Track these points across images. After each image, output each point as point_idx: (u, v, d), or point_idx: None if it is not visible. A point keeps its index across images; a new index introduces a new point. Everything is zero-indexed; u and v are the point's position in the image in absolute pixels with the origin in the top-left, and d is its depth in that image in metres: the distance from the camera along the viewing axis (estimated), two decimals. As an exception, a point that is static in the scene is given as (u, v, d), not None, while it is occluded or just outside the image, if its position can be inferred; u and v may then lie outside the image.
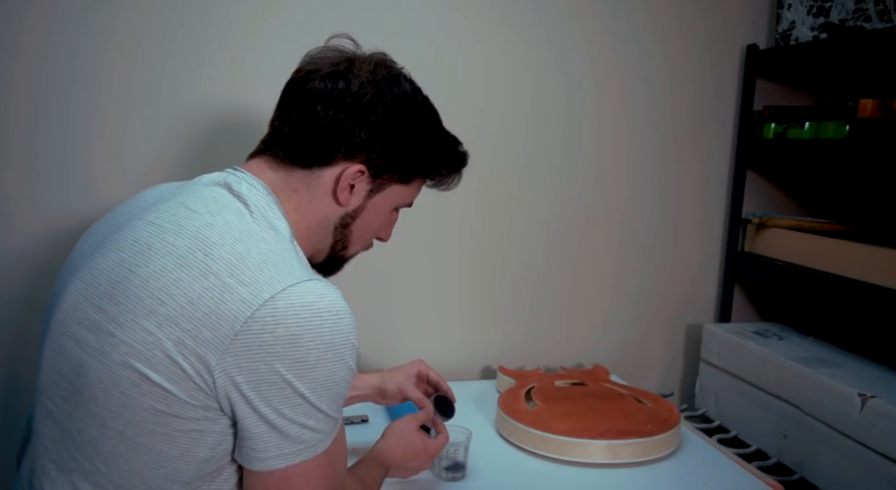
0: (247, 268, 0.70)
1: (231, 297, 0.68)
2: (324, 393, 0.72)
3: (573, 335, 1.60)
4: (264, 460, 0.72)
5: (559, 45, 1.48)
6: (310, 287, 0.71)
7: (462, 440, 1.07)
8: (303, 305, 0.70)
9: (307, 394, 0.70)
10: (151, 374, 0.68)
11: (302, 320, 0.69)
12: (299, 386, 0.70)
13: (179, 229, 0.73)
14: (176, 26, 1.29)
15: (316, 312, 0.70)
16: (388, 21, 1.38)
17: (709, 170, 1.62)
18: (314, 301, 0.70)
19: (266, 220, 0.77)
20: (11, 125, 1.25)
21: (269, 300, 0.68)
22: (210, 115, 1.33)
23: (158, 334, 0.68)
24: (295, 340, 0.69)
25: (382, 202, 0.88)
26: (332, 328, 0.71)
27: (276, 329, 0.68)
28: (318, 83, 0.81)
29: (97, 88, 1.28)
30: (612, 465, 1.12)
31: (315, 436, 0.73)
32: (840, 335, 1.48)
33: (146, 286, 0.70)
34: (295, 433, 0.71)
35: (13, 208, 1.27)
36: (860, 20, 1.34)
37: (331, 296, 0.72)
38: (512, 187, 1.51)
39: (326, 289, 0.73)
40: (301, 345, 0.69)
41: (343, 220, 0.86)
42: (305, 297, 0.70)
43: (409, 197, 0.92)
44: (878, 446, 1.11)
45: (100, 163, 1.30)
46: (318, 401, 0.71)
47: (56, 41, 1.24)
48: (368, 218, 0.88)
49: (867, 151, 1.25)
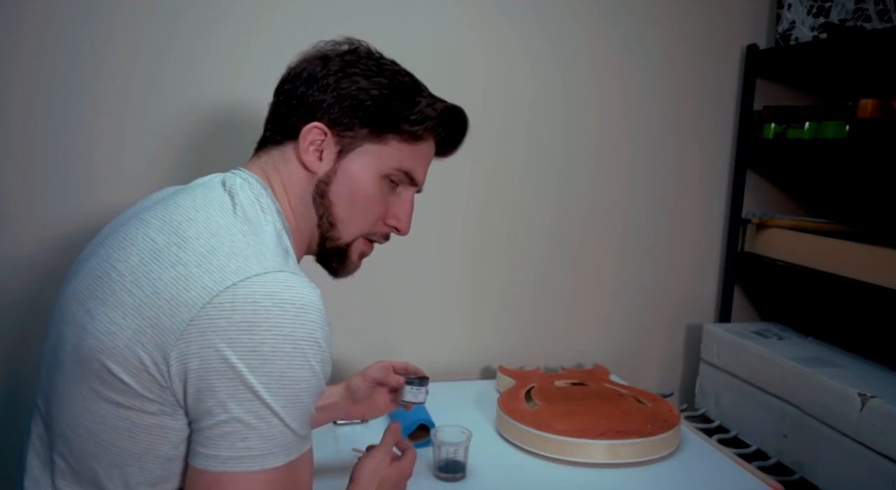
0: (216, 258, 0.68)
1: (194, 284, 0.66)
2: (279, 391, 0.66)
3: (573, 335, 1.60)
4: (201, 457, 0.67)
5: (559, 45, 1.48)
6: (278, 278, 0.68)
7: (462, 440, 1.07)
8: (265, 294, 0.66)
9: (259, 388, 0.65)
10: (112, 366, 0.67)
11: (261, 308, 0.65)
12: (250, 378, 0.64)
13: (162, 225, 0.73)
14: (176, 26, 1.29)
15: (278, 302, 0.66)
16: (388, 20, 1.38)
17: (709, 170, 1.62)
18: (278, 291, 0.67)
19: (245, 216, 0.75)
20: (11, 126, 1.25)
21: (231, 287, 0.66)
22: (210, 115, 1.33)
23: (122, 324, 0.67)
24: (250, 328, 0.65)
25: (357, 164, 0.82)
26: (295, 320, 0.66)
27: (233, 315, 0.65)
28: (287, 72, 0.84)
29: (97, 89, 1.28)
30: (612, 465, 1.12)
31: (263, 444, 0.66)
32: (840, 335, 1.48)
33: (122, 280, 0.69)
34: (239, 434, 0.65)
35: (13, 209, 1.28)
36: (860, 20, 1.34)
37: (301, 289, 0.68)
38: (512, 187, 1.51)
39: (298, 282, 0.69)
40: (256, 333, 0.65)
41: (318, 189, 0.82)
42: (270, 286, 0.67)
43: (394, 160, 0.84)
44: (878, 446, 1.11)
45: (100, 164, 1.30)
46: (271, 399, 0.65)
47: (55, 42, 1.25)
48: (345, 183, 0.82)
49: (867, 151, 1.25)
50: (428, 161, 0.89)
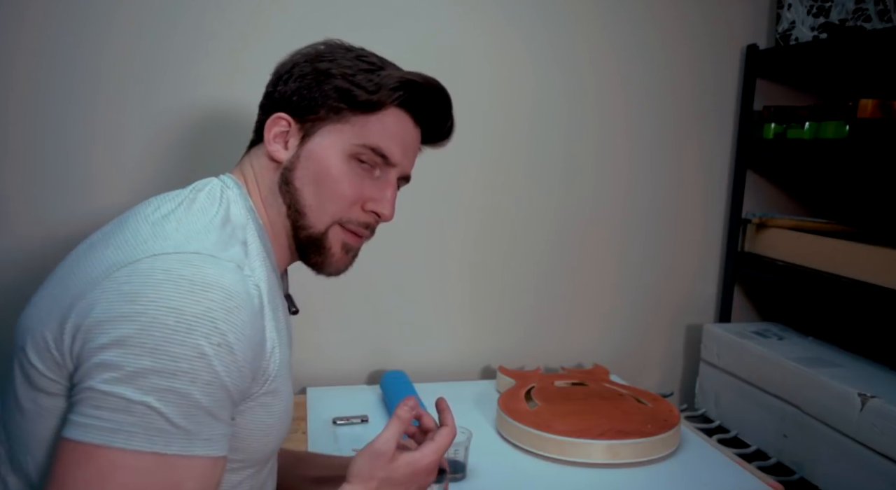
0: (135, 240, 0.66)
1: (101, 263, 0.64)
2: (150, 365, 0.58)
3: (573, 335, 1.60)
4: (67, 423, 0.61)
5: (559, 46, 1.48)
6: (189, 258, 0.63)
7: (462, 440, 1.07)
8: (164, 269, 0.61)
9: (124, 356, 0.58)
10: (28, 348, 0.65)
11: (153, 281, 0.60)
12: (118, 347, 0.59)
13: (117, 221, 0.72)
14: (175, 27, 1.29)
15: (173, 277, 0.61)
16: (387, 19, 1.38)
17: (709, 170, 1.62)
18: (180, 268, 0.62)
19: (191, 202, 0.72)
20: (10, 126, 1.25)
21: (134, 262, 0.62)
22: (208, 117, 1.33)
23: (39, 306, 0.67)
24: (135, 298, 0.60)
25: (319, 146, 0.78)
26: (188, 296, 0.60)
27: (123, 287, 0.61)
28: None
29: (96, 89, 1.28)
30: (612, 465, 1.12)
31: (117, 418, 0.58)
32: (840, 335, 1.48)
33: (57, 273, 0.70)
34: (93, 400, 0.59)
35: (11, 208, 1.27)
36: (860, 20, 1.34)
37: (209, 270, 0.63)
38: (512, 187, 1.51)
39: (213, 265, 0.63)
40: (139, 303, 0.59)
41: (283, 177, 0.78)
42: (173, 263, 0.62)
43: (356, 136, 0.78)
44: (878, 446, 1.11)
45: (98, 164, 1.30)
46: (133, 369, 0.58)
47: (55, 41, 1.25)
48: (309, 167, 0.78)
49: (867, 151, 1.25)
50: (402, 137, 0.81)
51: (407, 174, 0.83)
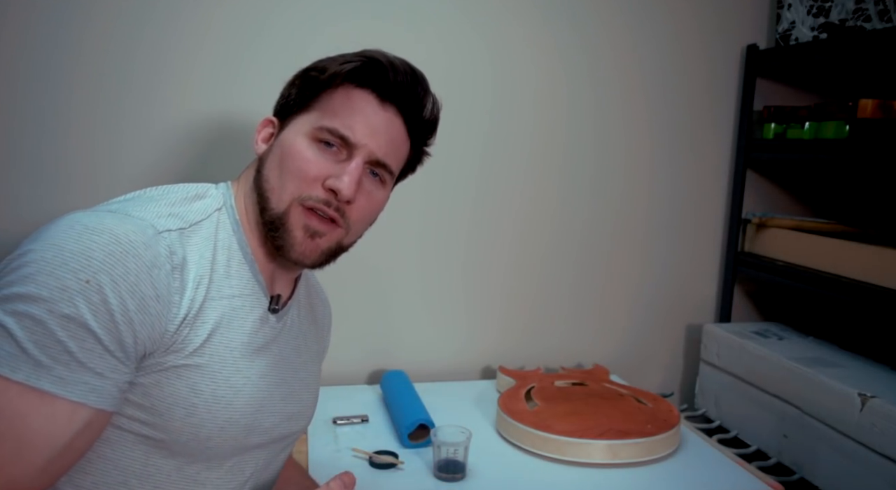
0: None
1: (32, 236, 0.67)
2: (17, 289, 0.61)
3: (573, 335, 1.60)
4: None
5: (559, 47, 1.48)
6: (100, 214, 0.67)
7: (462, 440, 1.07)
8: (70, 218, 0.66)
9: (3, 284, 0.62)
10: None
11: (54, 226, 0.65)
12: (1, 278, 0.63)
13: None
14: (173, 32, 1.29)
15: (71, 223, 0.65)
16: (390, 23, 1.38)
17: (709, 170, 1.62)
18: (82, 217, 0.66)
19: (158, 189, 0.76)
20: (7, 130, 1.25)
21: (57, 219, 0.67)
22: (208, 123, 1.33)
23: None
24: (34, 239, 0.64)
25: (287, 134, 0.79)
26: (73, 236, 0.63)
27: (35, 234, 0.66)
28: None
29: (95, 92, 1.27)
30: (612, 465, 1.12)
31: None
32: (840, 335, 1.48)
33: None
34: None
35: (10, 211, 1.27)
36: (860, 20, 1.34)
37: (108, 220, 0.66)
38: (512, 187, 1.51)
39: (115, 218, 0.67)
40: (34, 243, 0.64)
41: (257, 169, 0.81)
42: (83, 215, 0.66)
43: (316, 120, 0.78)
44: (878, 446, 1.11)
45: (98, 169, 1.29)
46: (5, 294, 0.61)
47: (53, 46, 1.24)
48: (277, 153, 0.79)
49: (867, 151, 1.25)
50: (366, 117, 0.78)
51: (376, 158, 0.78)
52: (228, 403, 0.73)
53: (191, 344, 0.69)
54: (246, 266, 0.77)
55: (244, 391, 0.75)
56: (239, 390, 0.74)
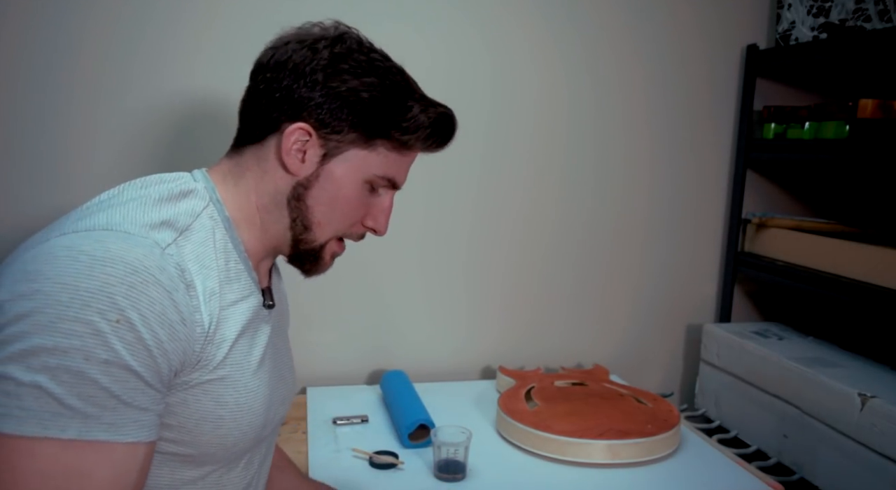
0: (58, 225, 0.64)
1: (16, 254, 0.62)
2: (39, 343, 0.55)
3: (573, 335, 1.60)
4: None
5: (560, 46, 1.48)
6: (96, 234, 0.61)
7: (462, 440, 1.07)
8: (65, 246, 0.59)
9: (13, 334, 0.56)
10: None
11: (51, 258, 0.58)
12: (15, 328, 0.56)
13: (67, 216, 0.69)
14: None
15: (72, 253, 0.58)
16: (392, 25, 1.38)
17: (709, 170, 1.62)
18: (82, 243, 0.59)
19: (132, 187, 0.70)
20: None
21: (44, 243, 0.60)
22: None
23: None
24: (35, 277, 0.57)
25: (341, 169, 0.76)
26: (84, 271, 0.57)
27: (27, 266, 0.58)
28: (263, 55, 0.76)
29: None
30: (612, 465, 1.12)
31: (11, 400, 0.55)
32: (840, 335, 1.48)
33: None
34: None
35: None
36: (860, 20, 1.34)
37: (114, 245, 0.60)
38: (512, 188, 1.51)
39: (119, 239, 0.61)
40: (37, 282, 0.57)
41: (295, 192, 0.76)
42: (79, 240, 0.60)
43: (379, 167, 0.78)
44: (878, 446, 1.11)
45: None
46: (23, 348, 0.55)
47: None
48: (327, 188, 0.76)
49: (867, 151, 1.25)
50: (411, 164, 0.83)
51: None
52: (250, 408, 0.73)
53: (214, 359, 0.68)
54: (241, 265, 0.75)
55: (259, 392, 0.75)
56: (257, 392, 0.74)
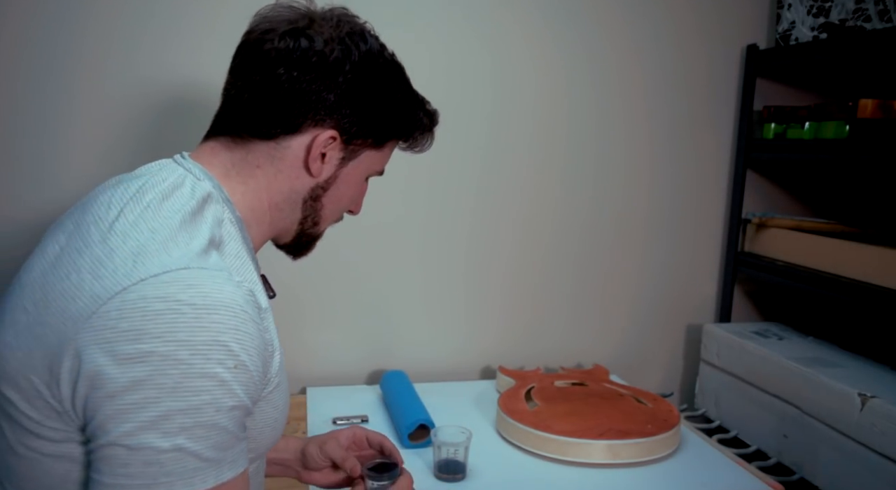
0: (112, 262, 0.59)
1: (82, 294, 0.58)
2: (172, 406, 0.56)
3: (573, 335, 1.60)
4: (90, 482, 0.58)
5: (559, 46, 1.48)
6: (179, 276, 0.58)
7: (462, 440, 1.07)
8: (158, 297, 0.57)
9: (148, 403, 0.56)
10: (10, 394, 0.60)
11: (151, 313, 0.56)
12: (133, 394, 0.56)
13: (74, 228, 0.65)
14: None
15: (172, 305, 0.57)
16: (391, 24, 1.38)
17: (709, 170, 1.62)
18: (176, 292, 0.57)
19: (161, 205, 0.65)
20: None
21: (120, 293, 0.57)
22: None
23: (14, 346, 0.60)
24: (138, 336, 0.56)
25: (355, 170, 0.79)
26: (193, 324, 0.57)
27: (120, 323, 0.56)
28: (278, 43, 0.71)
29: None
30: (612, 465, 1.12)
31: (148, 471, 0.56)
32: (840, 335, 1.48)
33: (21, 294, 0.63)
34: (118, 458, 0.56)
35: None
36: (860, 20, 1.34)
37: (206, 287, 0.59)
38: (512, 188, 1.51)
39: (206, 279, 0.59)
40: (144, 341, 0.55)
41: (313, 193, 0.77)
42: (166, 287, 0.57)
43: (381, 163, 0.83)
44: (878, 446, 1.11)
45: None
46: (161, 419, 0.56)
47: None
48: (340, 189, 0.79)
49: (867, 151, 1.25)
50: None
51: None
52: (287, 402, 0.76)
53: (273, 369, 0.69)
54: (255, 265, 0.74)
55: (287, 381, 0.77)
56: (287, 382, 0.77)
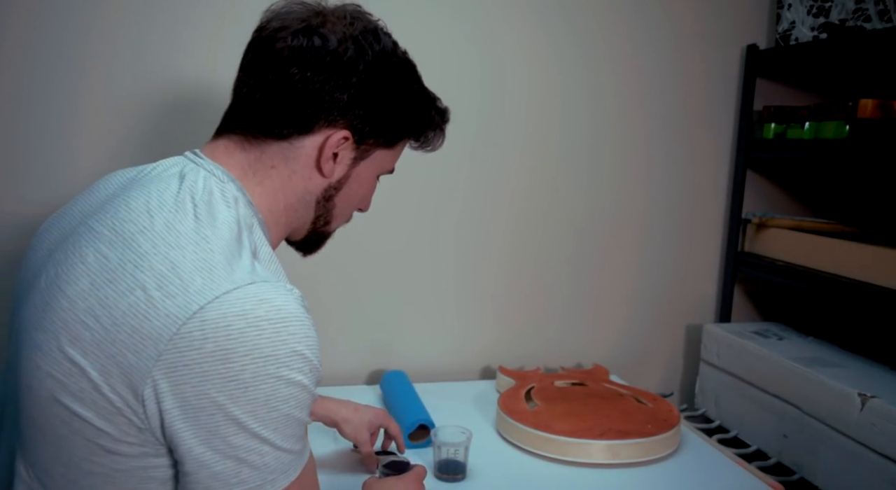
0: (177, 277, 0.61)
1: (156, 313, 0.60)
2: (267, 416, 0.61)
3: (573, 335, 1.60)
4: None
5: (558, 46, 1.48)
6: (249, 292, 0.61)
7: (462, 440, 1.07)
8: (237, 314, 0.60)
9: (244, 419, 0.60)
10: (80, 411, 0.61)
11: (235, 332, 0.60)
12: (234, 410, 0.60)
13: (114, 237, 0.65)
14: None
15: (252, 321, 0.60)
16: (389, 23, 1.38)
17: (709, 170, 1.62)
18: (252, 308, 0.61)
19: (210, 216, 0.66)
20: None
21: (198, 312, 0.60)
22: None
23: (83, 364, 0.60)
24: (226, 356, 0.59)
25: (367, 170, 0.80)
26: (274, 338, 0.61)
27: (205, 344, 0.59)
28: (291, 41, 0.72)
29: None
30: (612, 465, 1.12)
31: (258, 475, 0.62)
32: (840, 335, 1.48)
33: (73, 308, 0.62)
34: (229, 471, 0.61)
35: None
36: (860, 20, 1.34)
37: (275, 300, 0.62)
38: (511, 186, 1.51)
39: (271, 292, 0.63)
40: (234, 360, 0.59)
41: (326, 193, 0.78)
42: (241, 304, 0.61)
43: (392, 162, 0.84)
44: (878, 446, 1.11)
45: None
46: (259, 427, 0.61)
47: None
48: (352, 188, 0.80)
49: (867, 151, 1.25)
50: None
51: None
52: None
53: None
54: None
55: None
56: None
